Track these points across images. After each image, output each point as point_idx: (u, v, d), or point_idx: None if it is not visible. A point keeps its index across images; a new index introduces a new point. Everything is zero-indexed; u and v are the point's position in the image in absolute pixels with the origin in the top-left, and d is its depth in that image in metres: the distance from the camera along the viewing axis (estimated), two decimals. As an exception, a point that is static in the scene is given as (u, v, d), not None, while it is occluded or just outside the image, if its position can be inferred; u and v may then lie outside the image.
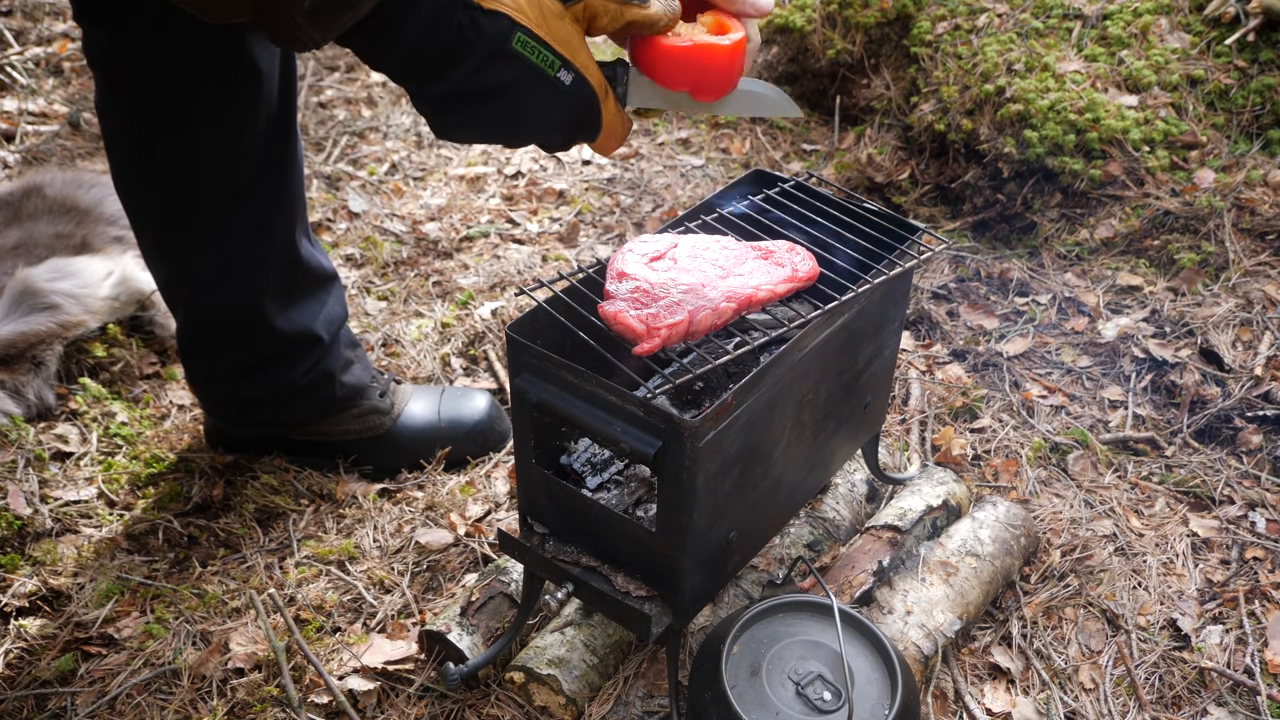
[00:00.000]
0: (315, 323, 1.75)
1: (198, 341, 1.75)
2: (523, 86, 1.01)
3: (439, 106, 1.03)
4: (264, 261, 1.66)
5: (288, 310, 1.71)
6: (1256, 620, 1.64)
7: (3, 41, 3.32)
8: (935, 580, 1.58)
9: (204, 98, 1.48)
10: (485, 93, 1.01)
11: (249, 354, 1.74)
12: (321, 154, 2.99)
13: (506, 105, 1.03)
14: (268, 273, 1.67)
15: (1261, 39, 2.45)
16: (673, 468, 1.17)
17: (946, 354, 2.23)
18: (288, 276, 1.70)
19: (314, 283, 1.75)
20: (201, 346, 1.76)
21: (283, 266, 1.68)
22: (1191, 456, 1.94)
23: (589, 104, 1.06)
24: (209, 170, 1.55)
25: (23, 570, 1.71)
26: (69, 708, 1.52)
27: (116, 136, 1.56)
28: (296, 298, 1.72)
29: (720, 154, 2.95)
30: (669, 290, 1.25)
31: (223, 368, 1.77)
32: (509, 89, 1.01)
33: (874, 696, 1.30)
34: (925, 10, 2.77)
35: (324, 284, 1.77)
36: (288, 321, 1.71)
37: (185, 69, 1.45)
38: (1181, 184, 2.34)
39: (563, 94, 1.03)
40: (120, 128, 1.54)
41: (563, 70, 1.02)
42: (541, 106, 1.04)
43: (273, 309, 1.69)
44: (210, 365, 1.78)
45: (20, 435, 1.95)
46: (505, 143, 1.10)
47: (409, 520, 1.82)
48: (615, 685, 1.48)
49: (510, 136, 1.08)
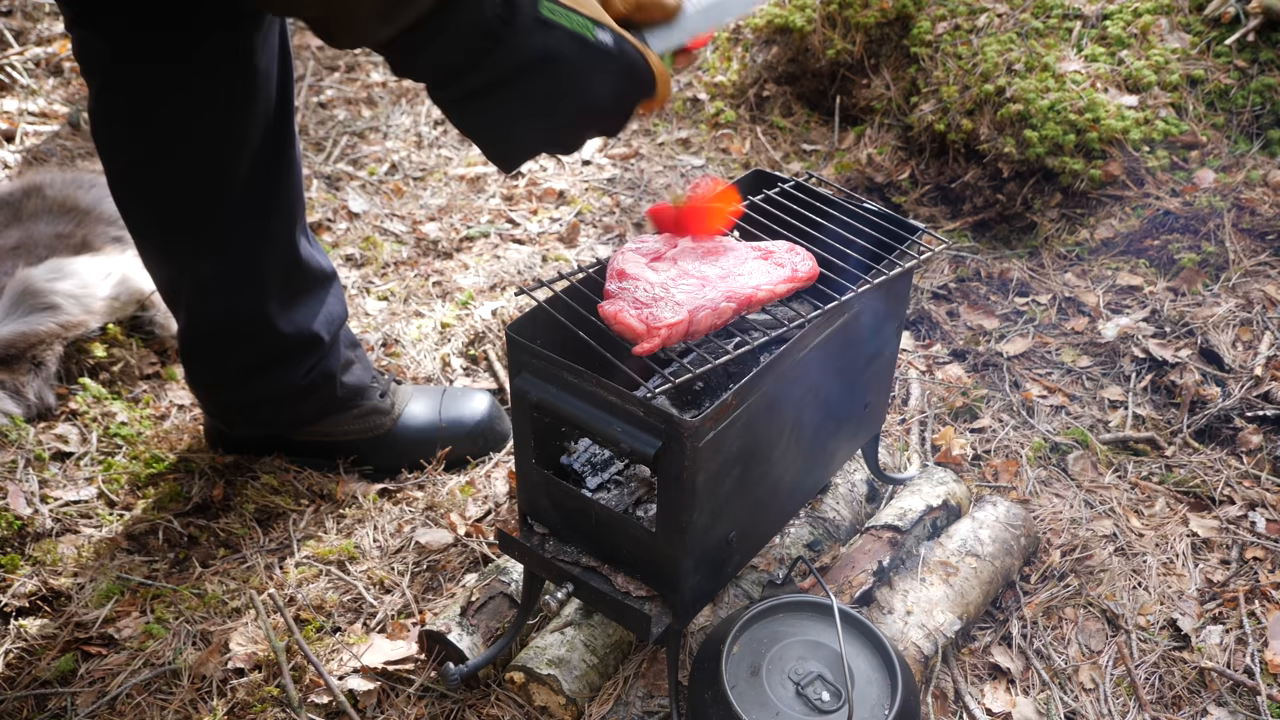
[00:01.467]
0: (316, 323, 1.75)
1: (200, 344, 1.75)
2: (564, 53, 0.97)
3: (485, 96, 0.99)
4: (265, 263, 1.65)
5: (289, 311, 1.71)
6: (1256, 620, 1.64)
7: (3, 41, 3.32)
8: (935, 580, 1.58)
9: (203, 99, 1.48)
10: (529, 66, 0.97)
11: (251, 355, 1.74)
12: (321, 154, 2.99)
13: (554, 79, 0.98)
14: (268, 274, 1.67)
15: (1261, 39, 2.45)
16: (673, 468, 1.17)
17: (946, 354, 2.23)
18: (288, 277, 1.70)
19: (314, 283, 1.75)
20: (203, 349, 1.76)
21: (283, 267, 1.68)
22: (1191, 456, 1.94)
23: (636, 60, 1.02)
24: (208, 172, 1.54)
25: (23, 570, 1.71)
26: (69, 708, 1.52)
27: (114, 141, 1.55)
28: (297, 298, 1.72)
29: (720, 154, 2.95)
30: (669, 290, 1.25)
31: (224, 369, 1.77)
32: (553, 58, 0.97)
33: (874, 696, 1.30)
34: (925, 10, 2.77)
35: (323, 284, 1.77)
36: (289, 322, 1.71)
37: (185, 70, 1.45)
38: (1181, 184, 2.34)
39: (610, 56, 1.00)
40: (118, 131, 1.54)
41: (599, 31, 0.99)
42: (591, 73, 0.99)
43: (274, 310, 1.69)
44: (212, 367, 1.78)
45: (20, 435, 1.95)
46: (563, 131, 1.04)
47: (409, 520, 1.82)
48: (615, 685, 1.48)
49: (564, 120, 1.03)
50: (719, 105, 3.08)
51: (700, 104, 3.13)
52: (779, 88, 3.04)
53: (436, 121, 3.15)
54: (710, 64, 3.22)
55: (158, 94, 1.47)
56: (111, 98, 1.50)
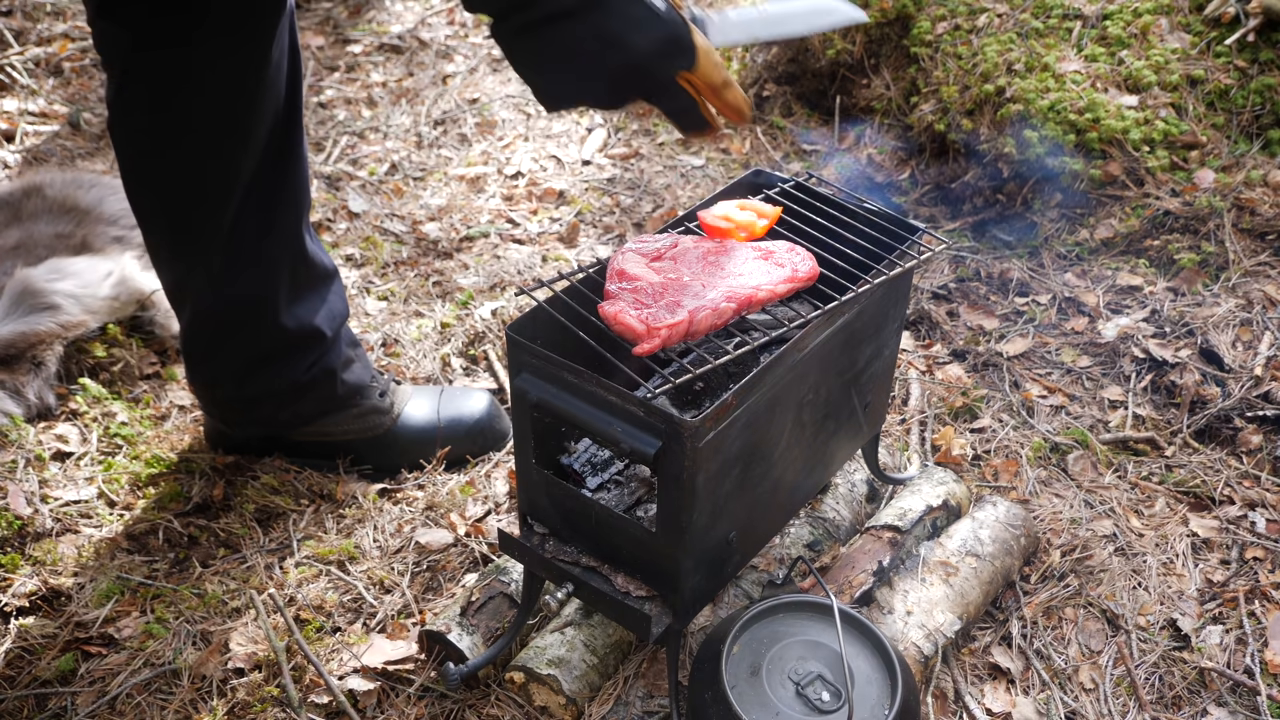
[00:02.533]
0: (318, 318, 1.75)
1: (202, 339, 1.75)
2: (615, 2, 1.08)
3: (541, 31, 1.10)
4: (271, 256, 1.67)
5: (293, 305, 1.72)
6: (1256, 620, 1.64)
7: (3, 41, 3.32)
8: (935, 580, 1.58)
9: (220, 85, 1.50)
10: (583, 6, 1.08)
11: (254, 350, 1.74)
12: (321, 154, 2.99)
13: (603, 23, 1.08)
14: (276, 267, 1.68)
15: (1261, 39, 2.45)
16: (673, 468, 1.17)
17: (946, 354, 2.23)
18: (294, 271, 1.71)
19: (317, 279, 1.76)
20: (206, 344, 1.76)
21: (290, 261, 1.69)
22: (1191, 456, 1.94)
23: (679, 28, 1.11)
24: (219, 162, 1.56)
25: (23, 570, 1.71)
26: (69, 708, 1.52)
27: (130, 132, 1.56)
28: (301, 293, 1.73)
29: (720, 154, 2.95)
30: (669, 290, 1.25)
31: (226, 365, 1.77)
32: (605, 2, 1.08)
33: (874, 696, 1.30)
34: (925, 10, 2.78)
35: (326, 280, 1.78)
36: (292, 317, 1.72)
37: (202, 54, 1.47)
38: (1181, 184, 2.34)
39: (657, 16, 1.10)
40: (137, 120, 1.55)
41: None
42: (636, 27, 1.09)
43: (280, 303, 1.70)
44: (214, 363, 1.79)
45: (20, 435, 1.95)
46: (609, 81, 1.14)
47: (409, 520, 1.82)
48: (615, 685, 1.48)
49: (609, 67, 1.12)
50: (719, 105, 3.08)
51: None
52: (779, 88, 3.04)
53: (436, 121, 3.15)
54: (710, 64, 3.21)
55: (176, 79, 1.49)
56: (133, 86, 1.51)
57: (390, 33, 3.62)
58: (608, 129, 3.08)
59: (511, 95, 3.25)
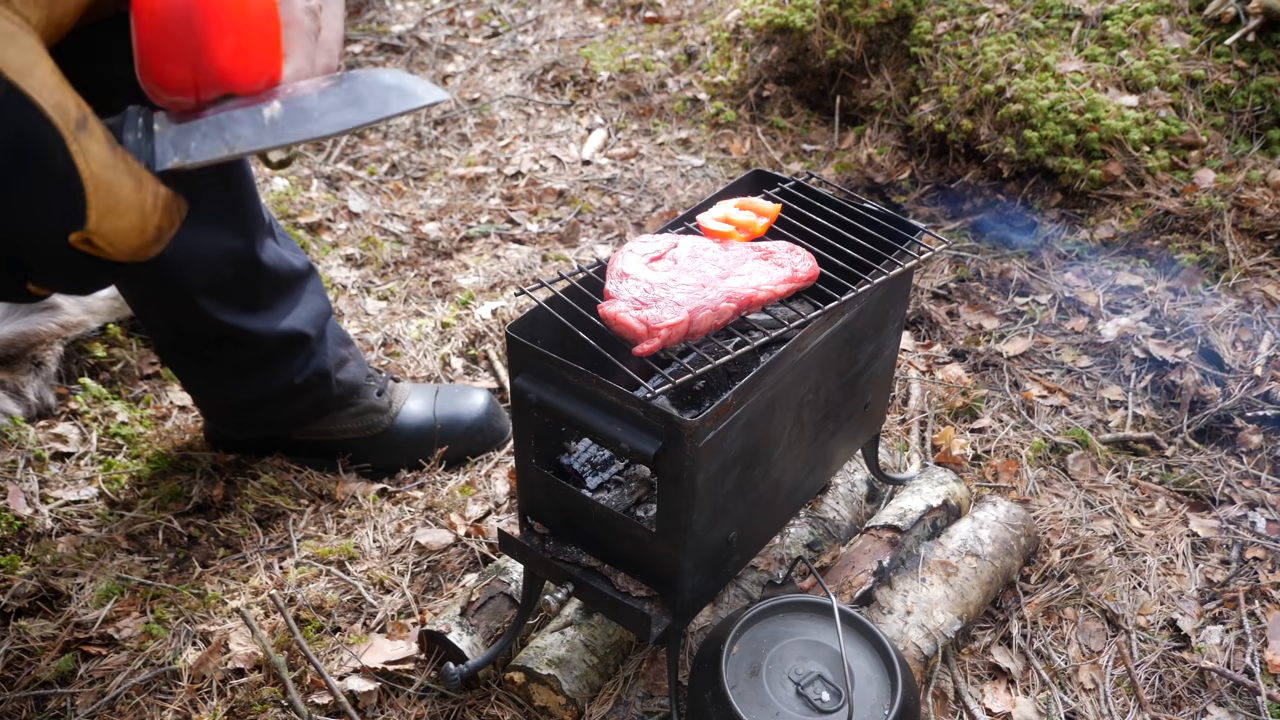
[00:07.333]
0: (296, 321, 1.74)
1: (174, 362, 1.77)
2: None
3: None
4: (222, 275, 1.63)
5: (264, 315, 1.70)
6: (1256, 620, 1.64)
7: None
8: (935, 580, 1.58)
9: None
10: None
11: (235, 363, 1.73)
12: (321, 154, 2.99)
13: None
14: (228, 285, 1.64)
15: (1261, 39, 2.45)
16: (673, 468, 1.17)
17: (946, 354, 2.23)
18: (252, 286, 1.68)
19: (285, 284, 1.73)
20: (179, 366, 1.78)
21: (246, 277, 1.66)
22: (1191, 456, 1.94)
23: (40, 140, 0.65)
24: None
25: (22, 570, 1.71)
26: (69, 708, 1.52)
27: None
28: (269, 302, 1.71)
29: (720, 154, 2.95)
30: (669, 290, 1.25)
31: (212, 381, 1.78)
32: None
33: (874, 696, 1.30)
34: (925, 10, 2.77)
35: (296, 282, 1.76)
36: (267, 327, 1.71)
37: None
38: (1181, 184, 2.34)
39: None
40: None
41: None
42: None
43: (245, 318, 1.68)
44: (198, 379, 1.80)
45: (20, 435, 1.94)
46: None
47: (409, 520, 1.82)
48: (615, 685, 1.48)
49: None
50: (719, 105, 3.08)
51: (700, 104, 3.13)
52: (779, 88, 3.04)
53: (436, 121, 3.15)
54: (710, 64, 3.22)
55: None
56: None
57: (390, 33, 3.63)
58: (608, 129, 3.08)
59: (511, 95, 3.25)
